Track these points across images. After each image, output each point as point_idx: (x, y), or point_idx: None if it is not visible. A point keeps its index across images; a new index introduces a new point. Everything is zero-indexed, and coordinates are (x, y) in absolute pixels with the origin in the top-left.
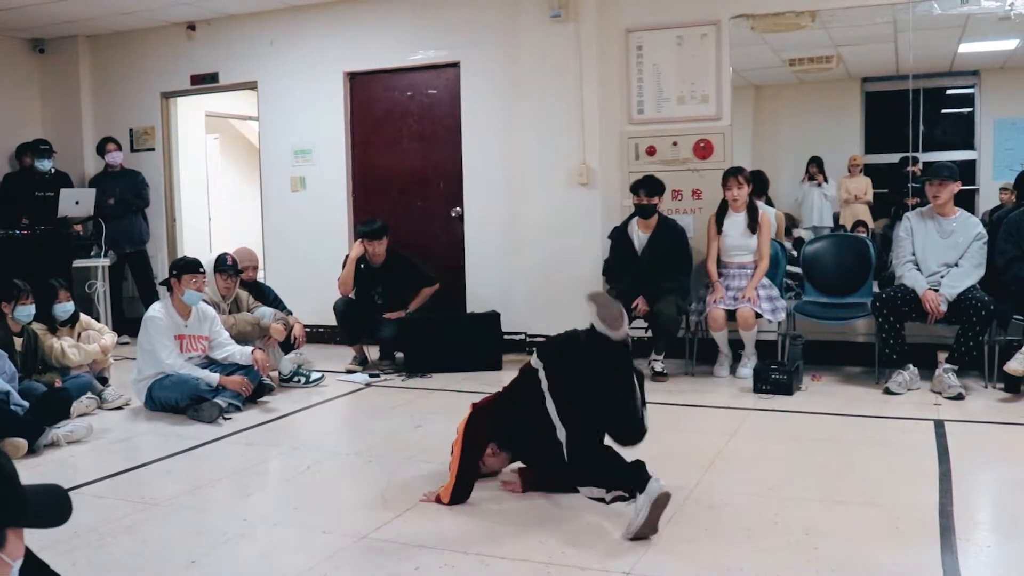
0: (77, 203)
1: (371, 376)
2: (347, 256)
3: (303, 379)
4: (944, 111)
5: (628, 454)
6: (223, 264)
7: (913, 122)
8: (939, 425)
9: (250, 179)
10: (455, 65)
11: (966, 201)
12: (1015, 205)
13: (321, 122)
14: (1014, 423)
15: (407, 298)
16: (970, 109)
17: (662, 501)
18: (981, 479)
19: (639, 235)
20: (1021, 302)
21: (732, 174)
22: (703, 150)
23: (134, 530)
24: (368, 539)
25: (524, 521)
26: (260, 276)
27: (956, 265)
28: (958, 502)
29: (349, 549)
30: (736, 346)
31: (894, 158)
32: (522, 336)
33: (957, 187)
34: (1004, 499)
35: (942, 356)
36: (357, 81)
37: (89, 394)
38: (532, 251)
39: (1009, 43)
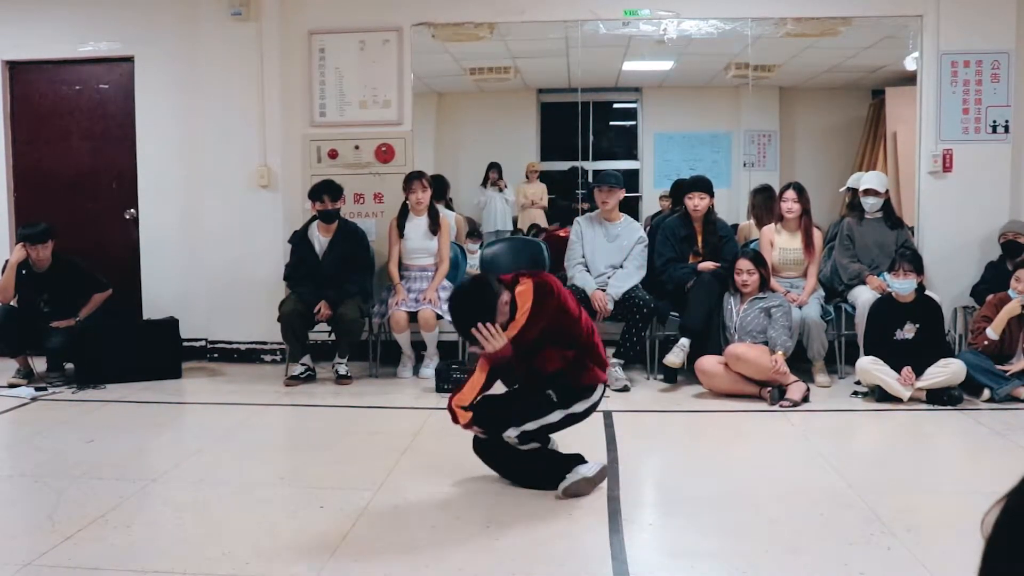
0: None
1: (38, 390)
2: (7, 261)
3: None
4: (611, 123)
5: None
6: None
7: (583, 133)
8: (607, 416)
9: None
10: (129, 60)
11: (631, 207)
12: (671, 211)
13: None
14: (672, 411)
15: (77, 305)
16: (633, 123)
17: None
18: (645, 464)
19: (320, 239)
20: (677, 300)
21: (415, 178)
22: (385, 154)
23: None
24: (33, 566)
25: (209, 531)
26: None
27: (621, 267)
28: (624, 486)
29: None
30: (419, 347)
31: (566, 166)
32: (203, 343)
33: (622, 194)
34: (664, 480)
35: (610, 351)
36: (18, 71)
37: None
38: (212, 255)
39: (666, 64)
